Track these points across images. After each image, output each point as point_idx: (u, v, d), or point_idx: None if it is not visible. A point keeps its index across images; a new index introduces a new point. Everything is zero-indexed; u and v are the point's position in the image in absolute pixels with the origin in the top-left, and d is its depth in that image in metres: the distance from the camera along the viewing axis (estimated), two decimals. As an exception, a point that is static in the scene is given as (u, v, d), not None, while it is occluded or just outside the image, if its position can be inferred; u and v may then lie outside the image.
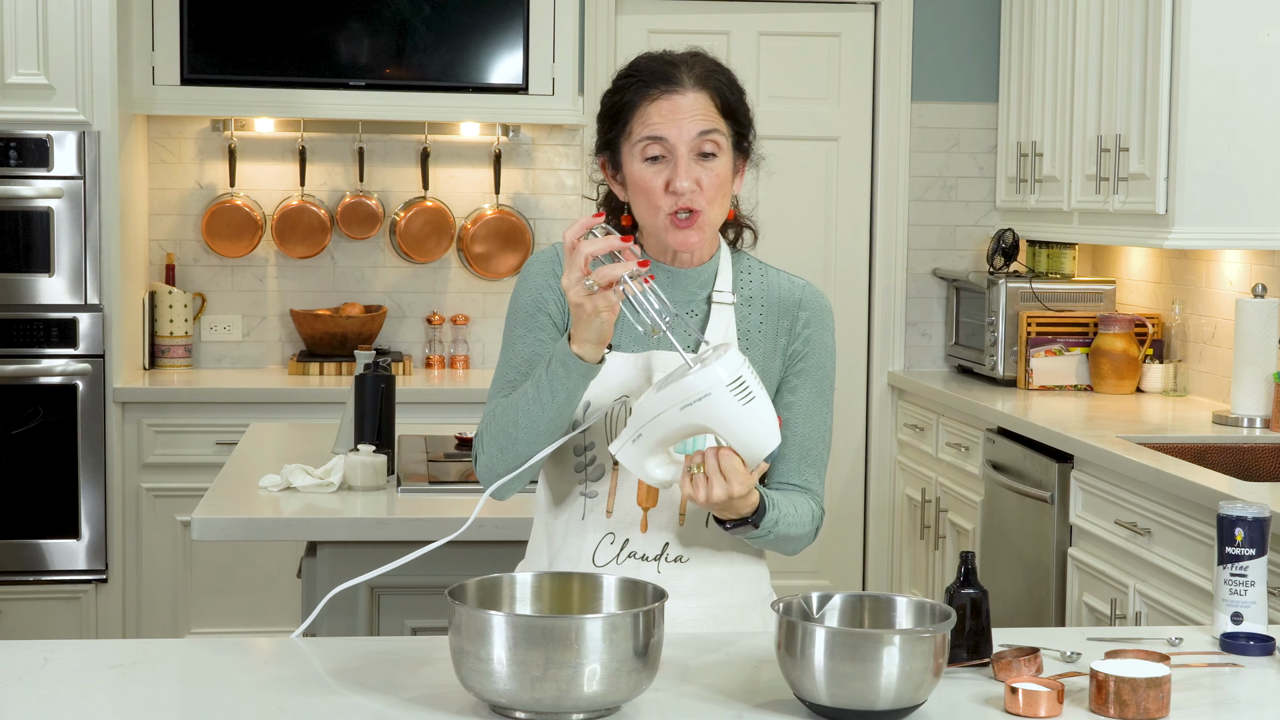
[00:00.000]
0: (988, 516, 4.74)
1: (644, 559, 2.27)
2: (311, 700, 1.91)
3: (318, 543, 3.14)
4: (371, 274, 5.63)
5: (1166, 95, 4.34)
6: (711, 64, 2.28)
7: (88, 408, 4.94)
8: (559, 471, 2.31)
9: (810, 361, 2.35)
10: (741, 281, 2.35)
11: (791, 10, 5.71)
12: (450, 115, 5.43)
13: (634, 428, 2.10)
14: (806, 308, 2.36)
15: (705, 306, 2.32)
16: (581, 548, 2.28)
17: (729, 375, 2.04)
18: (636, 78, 2.25)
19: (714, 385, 2.04)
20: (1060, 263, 5.40)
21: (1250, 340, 4.32)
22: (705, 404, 2.05)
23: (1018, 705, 1.88)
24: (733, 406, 2.05)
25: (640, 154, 2.24)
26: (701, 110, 2.23)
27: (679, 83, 2.23)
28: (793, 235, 5.69)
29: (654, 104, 2.22)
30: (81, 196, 4.92)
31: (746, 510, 2.17)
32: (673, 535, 2.28)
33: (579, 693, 1.79)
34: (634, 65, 2.28)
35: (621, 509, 2.27)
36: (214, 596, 5.08)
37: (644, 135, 2.23)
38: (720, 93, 2.25)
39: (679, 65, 2.25)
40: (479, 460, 2.28)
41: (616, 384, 2.26)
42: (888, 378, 5.75)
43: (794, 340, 2.34)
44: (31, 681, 1.98)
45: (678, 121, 2.22)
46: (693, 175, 2.22)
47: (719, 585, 2.30)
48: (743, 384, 2.05)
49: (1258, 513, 2.21)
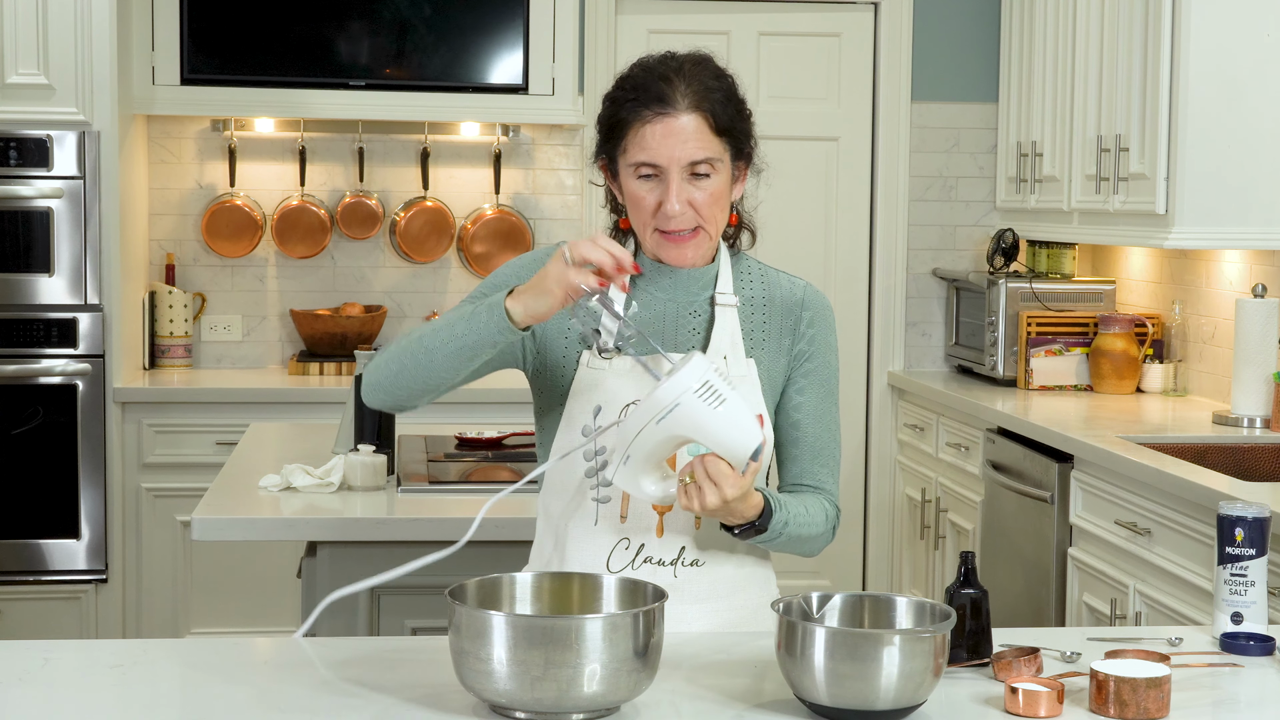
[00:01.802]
0: (988, 516, 4.74)
1: (660, 564, 2.26)
2: (311, 700, 1.91)
3: (318, 543, 3.14)
4: (371, 274, 5.63)
5: (1166, 95, 4.34)
6: (710, 77, 2.25)
7: (88, 408, 4.94)
8: (569, 477, 2.29)
9: (816, 362, 2.35)
10: (743, 283, 2.35)
11: (791, 10, 5.71)
12: (450, 115, 5.43)
13: (622, 450, 2.11)
14: (809, 308, 2.36)
15: (709, 309, 2.32)
16: (595, 554, 2.26)
17: (695, 382, 2.04)
18: (633, 95, 2.23)
19: (681, 393, 2.04)
20: (1060, 263, 5.40)
21: (1250, 340, 4.32)
22: (678, 413, 2.05)
23: (1018, 705, 1.88)
24: (705, 412, 2.05)
25: (634, 172, 2.24)
26: (694, 133, 2.21)
27: (673, 105, 2.21)
28: (793, 235, 5.69)
29: (648, 125, 2.21)
30: (81, 196, 4.92)
31: (750, 513, 2.17)
32: (689, 538, 2.27)
33: (579, 693, 1.79)
34: (632, 78, 2.26)
35: (636, 514, 2.26)
36: (214, 596, 5.08)
37: (637, 159, 2.23)
38: (714, 113, 2.23)
39: (675, 84, 2.22)
40: (373, 359, 2.29)
41: (630, 390, 2.25)
42: (888, 378, 5.75)
43: (798, 341, 2.34)
44: (31, 681, 1.98)
45: (670, 146, 2.21)
46: (685, 197, 2.22)
47: (732, 588, 2.30)
48: (710, 388, 2.05)
49: (1258, 513, 2.21)
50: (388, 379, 2.25)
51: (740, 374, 2.29)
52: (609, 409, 2.24)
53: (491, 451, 3.79)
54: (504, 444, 3.84)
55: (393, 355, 2.25)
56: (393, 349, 2.26)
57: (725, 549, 2.29)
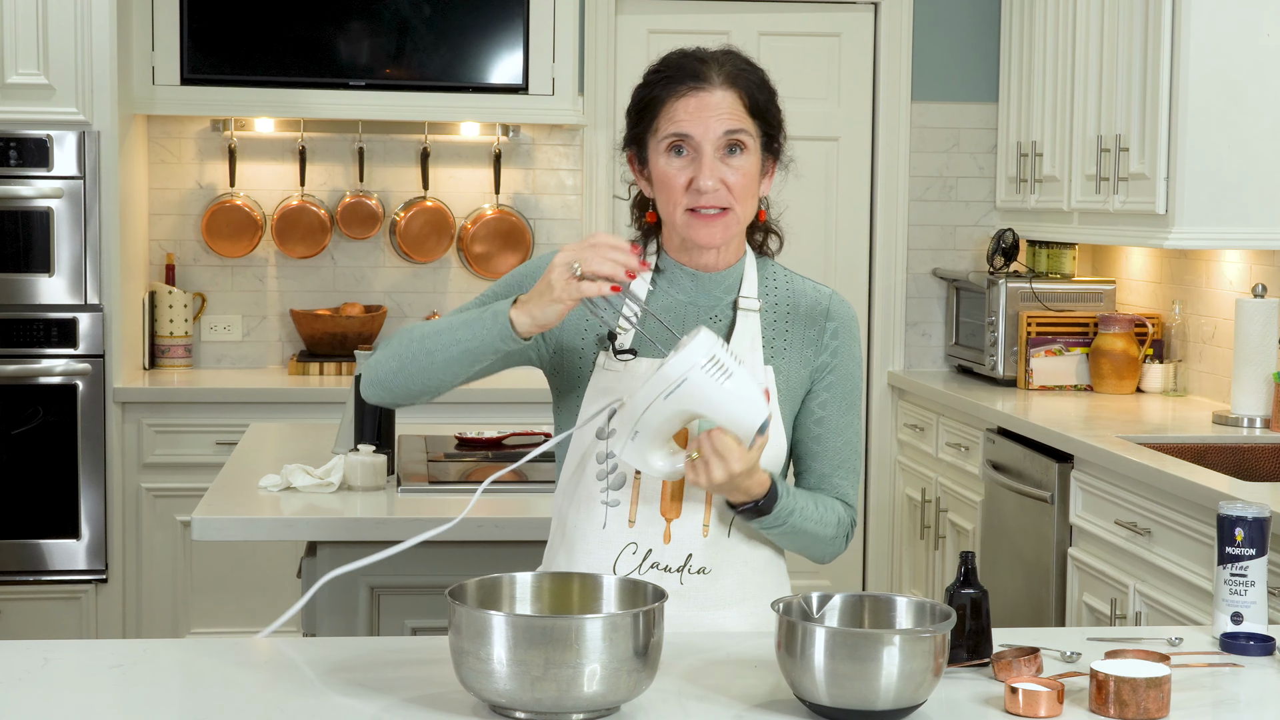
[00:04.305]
0: (988, 516, 4.74)
1: (667, 570, 2.25)
2: (311, 700, 1.91)
3: (318, 543, 3.14)
4: (371, 274, 5.63)
5: (1166, 95, 4.34)
6: (743, 62, 2.26)
7: (88, 408, 4.94)
8: (580, 479, 2.29)
9: (839, 374, 2.34)
10: (767, 288, 2.33)
11: (791, 10, 5.71)
12: (450, 115, 5.43)
13: (629, 426, 2.11)
14: (834, 318, 2.35)
15: (730, 312, 2.31)
16: (603, 556, 2.26)
17: (703, 356, 2.05)
18: (665, 73, 2.23)
19: (689, 368, 2.05)
20: (1060, 263, 5.40)
21: (1250, 340, 4.32)
22: (685, 388, 2.06)
23: (1018, 705, 1.88)
24: (712, 386, 2.06)
25: (665, 149, 2.22)
26: (729, 108, 2.21)
27: (707, 80, 2.21)
28: (793, 235, 5.61)
29: (681, 100, 2.20)
30: (81, 196, 4.92)
31: (757, 490, 2.16)
32: (696, 546, 2.26)
33: (579, 693, 1.79)
34: (665, 61, 2.26)
35: (644, 519, 2.25)
36: (214, 596, 5.08)
37: (670, 132, 2.21)
38: (750, 92, 2.23)
39: (709, 62, 2.23)
40: (373, 355, 2.28)
41: None
42: (888, 378, 5.75)
43: (821, 352, 2.33)
44: (31, 681, 1.98)
45: (704, 119, 2.20)
46: (718, 174, 2.20)
47: (741, 596, 2.28)
48: (718, 362, 2.06)
49: (1258, 513, 2.21)
50: (387, 376, 2.25)
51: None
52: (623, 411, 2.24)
53: (491, 451, 3.79)
54: (504, 444, 3.84)
55: (393, 353, 2.24)
56: (393, 346, 2.25)
57: (735, 558, 2.27)
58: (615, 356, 2.25)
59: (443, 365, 2.19)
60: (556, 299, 2.08)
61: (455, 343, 2.17)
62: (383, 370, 2.26)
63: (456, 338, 2.17)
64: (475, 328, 2.15)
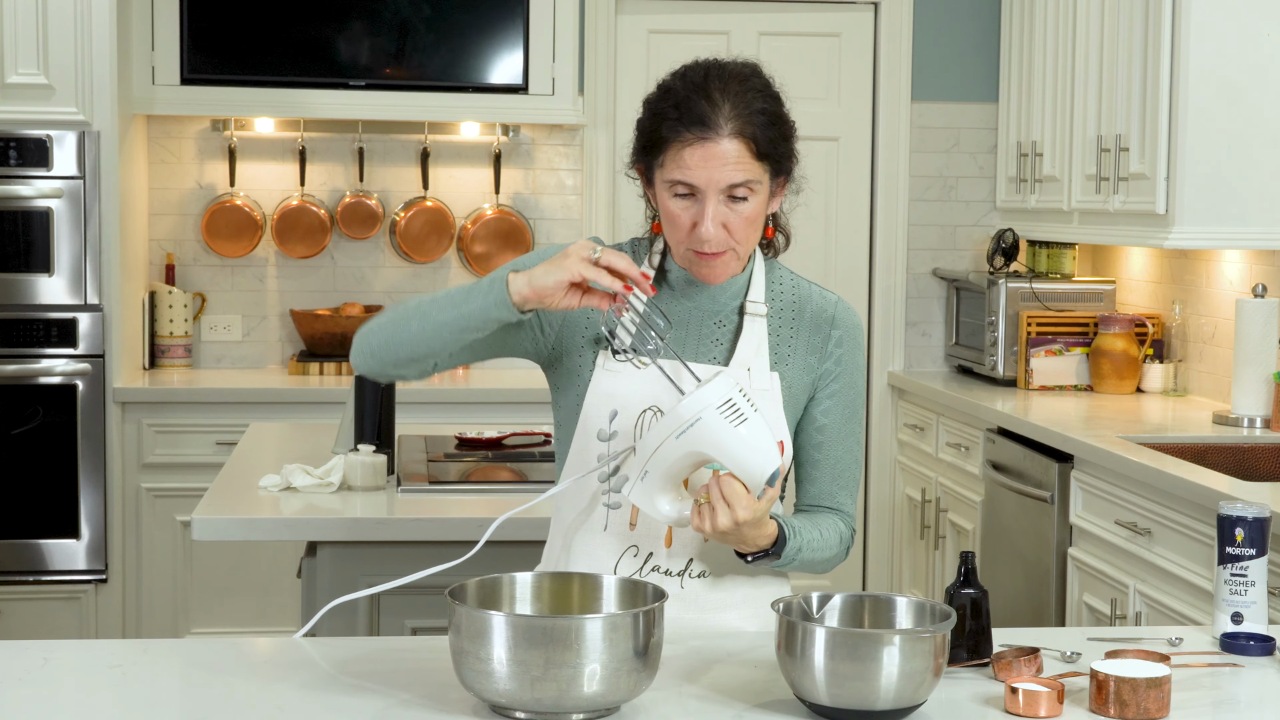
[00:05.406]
0: (988, 516, 4.74)
1: (667, 574, 2.25)
2: (311, 700, 1.91)
3: (318, 543, 3.14)
4: (371, 274, 5.63)
5: (1166, 95, 4.34)
6: (755, 99, 2.19)
7: (88, 408, 4.94)
8: (581, 481, 2.28)
9: (842, 382, 2.33)
10: (774, 292, 2.32)
11: (791, 10, 5.71)
12: (450, 115, 5.43)
13: (640, 465, 2.10)
14: (840, 326, 2.33)
15: (736, 317, 2.30)
16: (603, 559, 2.25)
17: (718, 398, 2.03)
18: (675, 114, 2.18)
19: (704, 409, 2.03)
20: (1060, 263, 5.40)
21: (1250, 340, 4.32)
22: (698, 429, 2.04)
23: (1018, 705, 1.88)
24: (725, 429, 2.03)
25: (670, 189, 2.20)
26: (735, 159, 2.16)
27: (715, 129, 2.15)
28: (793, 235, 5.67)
29: (688, 148, 2.16)
30: (81, 196, 4.92)
31: (763, 541, 2.15)
32: (697, 551, 2.25)
33: (579, 693, 1.79)
34: (675, 93, 2.20)
35: (645, 522, 2.24)
36: (214, 596, 5.08)
37: (675, 178, 2.18)
38: (756, 138, 2.17)
39: (718, 105, 2.16)
40: (366, 324, 2.27)
41: (645, 394, 2.23)
42: (888, 378, 5.75)
43: (825, 359, 2.32)
44: (31, 681, 1.98)
45: (709, 170, 2.16)
46: (720, 219, 2.18)
47: (742, 600, 2.28)
48: (733, 405, 2.04)
49: (1258, 513, 2.21)
50: (379, 344, 2.23)
51: (763, 387, 2.26)
52: (624, 413, 2.23)
53: (491, 451, 3.79)
54: (504, 444, 3.84)
55: (387, 320, 2.24)
56: (388, 314, 2.25)
57: (736, 563, 2.26)
58: (614, 356, 2.25)
59: (434, 330, 2.17)
60: (565, 269, 2.08)
61: (451, 305, 2.16)
62: (375, 339, 2.24)
63: (453, 301, 2.16)
64: (472, 291, 2.15)
